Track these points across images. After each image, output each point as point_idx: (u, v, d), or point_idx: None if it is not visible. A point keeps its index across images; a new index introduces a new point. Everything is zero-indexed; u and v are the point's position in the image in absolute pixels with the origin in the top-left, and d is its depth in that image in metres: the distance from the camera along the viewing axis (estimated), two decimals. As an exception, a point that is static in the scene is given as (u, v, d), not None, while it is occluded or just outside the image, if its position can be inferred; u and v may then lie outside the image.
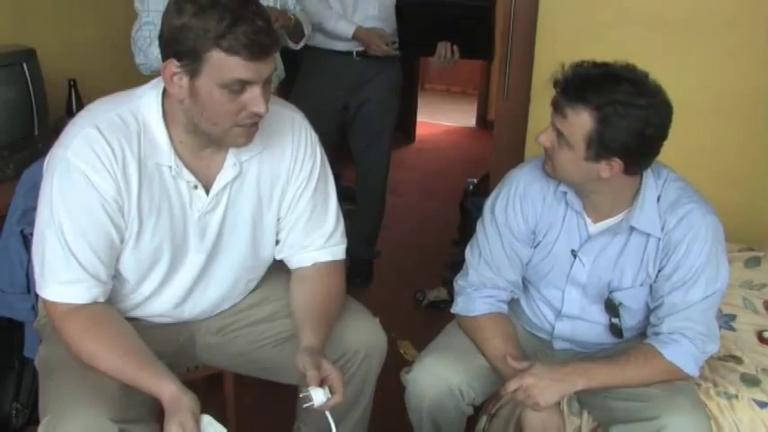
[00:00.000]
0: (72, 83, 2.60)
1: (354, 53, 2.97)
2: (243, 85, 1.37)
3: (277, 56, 2.47)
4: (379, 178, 3.26)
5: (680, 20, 2.49)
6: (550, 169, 1.65)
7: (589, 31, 2.53)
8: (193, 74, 1.37)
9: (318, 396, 1.44)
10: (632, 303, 1.72)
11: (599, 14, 2.56)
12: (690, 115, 2.45)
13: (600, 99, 1.51)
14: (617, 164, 1.56)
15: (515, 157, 2.60)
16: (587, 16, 2.57)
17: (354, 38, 2.90)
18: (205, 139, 1.49)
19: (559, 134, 1.57)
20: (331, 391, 1.46)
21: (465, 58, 2.96)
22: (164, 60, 1.40)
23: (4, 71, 2.27)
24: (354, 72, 3.00)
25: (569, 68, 1.57)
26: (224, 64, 1.34)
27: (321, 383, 1.46)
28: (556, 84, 1.58)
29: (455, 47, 2.86)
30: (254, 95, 1.39)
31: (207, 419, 1.39)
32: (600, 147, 1.54)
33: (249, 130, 1.45)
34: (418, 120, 5.88)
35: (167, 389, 1.39)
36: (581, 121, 1.53)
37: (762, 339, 1.99)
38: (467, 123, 6.42)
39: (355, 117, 3.11)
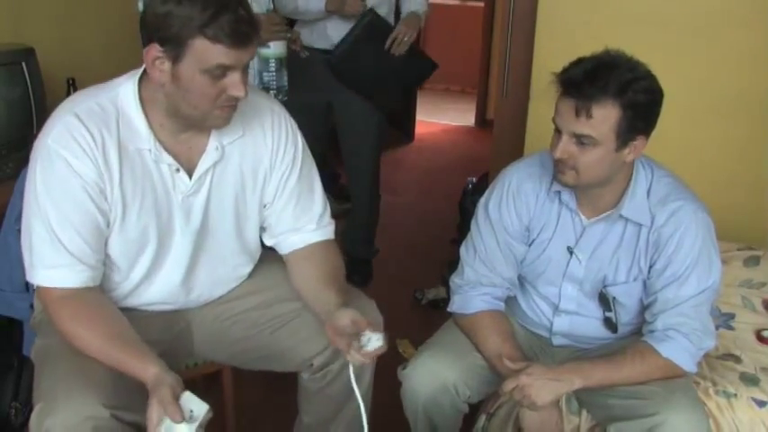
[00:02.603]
0: (71, 81, 2.59)
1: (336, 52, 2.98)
2: (224, 70, 1.42)
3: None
4: (369, 178, 3.25)
5: (680, 19, 2.49)
6: (572, 178, 1.61)
7: (588, 30, 2.53)
8: (176, 59, 1.41)
9: (377, 340, 1.47)
10: (626, 299, 1.73)
11: (598, 13, 2.56)
12: (690, 114, 2.47)
13: (617, 85, 1.51)
14: (640, 141, 1.58)
15: (515, 155, 2.58)
16: (587, 15, 2.57)
17: (327, 8, 2.84)
18: (185, 123, 1.53)
19: (581, 138, 1.55)
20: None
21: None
22: (144, 45, 1.43)
23: (2, 70, 2.27)
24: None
25: (569, 71, 1.56)
26: (207, 51, 1.39)
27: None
28: (567, 91, 1.54)
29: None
30: (234, 80, 1.44)
31: (187, 395, 1.39)
32: (628, 131, 1.55)
33: (228, 111, 1.50)
34: (417, 118, 5.87)
35: (149, 370, 1.41)
36: (608, 114, 1.52)
37: (761, 338, 2.00)
38: (466, 122, 6.41)
39: (340, 118, 3.12)
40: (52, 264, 1.48)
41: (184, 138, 1.56)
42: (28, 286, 1.74)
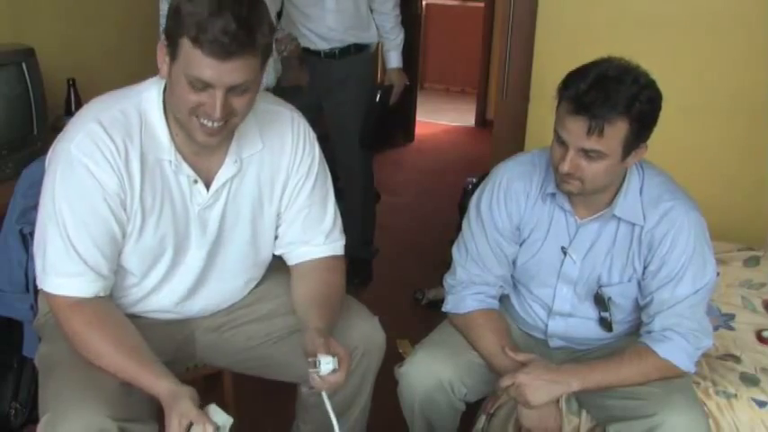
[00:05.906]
0: (71, 82, 2.59)
1: (322, 54, 3.01)
2: (204, 86, 1.35)
3: (270, 63, 2.49)
4: (361, 179, 3.27)
5: (680, 20, 2.49)
6: (576, 188, 1.60)
7: (588, 31, 2.54)
8: (173, 57, 1.37)
9: (326, 364, 1.41)
10: (620, 299, 1.73)
11: (598, 14, 2.56)
12: (689, 115, 2.47)
13: (625, 100, 1.49)
14: (643, 147, 1.58)
15: (514, 156, 2.60)
16: (586, 16, 2.57)
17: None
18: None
19: (588, 153, 1.53)
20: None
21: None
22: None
23: (2, 70, 2.27)
24: (324, 72, 3.01)
25: (575, 85, 1.52)
26: (190, 55, 1.32)
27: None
28: (577, 110, 1.50)
29: None
30: (211, 98, 1.36)
31: (213, 408, 1.39)
32: (634, 141, 1.54)
33: (209, 129, 1.41)
34: (417, 119, 5.88)
35: (163, 385, 1.40)
36: (617, 130, 1.51)
37: (761, 339, 2.00)
38: (466, 123, 6.42)
39: (330, 120, 3.14)
40: (65, 272, 1.45)
41: (202, 150, 1.52)
42: (28, 287, 1.74)
